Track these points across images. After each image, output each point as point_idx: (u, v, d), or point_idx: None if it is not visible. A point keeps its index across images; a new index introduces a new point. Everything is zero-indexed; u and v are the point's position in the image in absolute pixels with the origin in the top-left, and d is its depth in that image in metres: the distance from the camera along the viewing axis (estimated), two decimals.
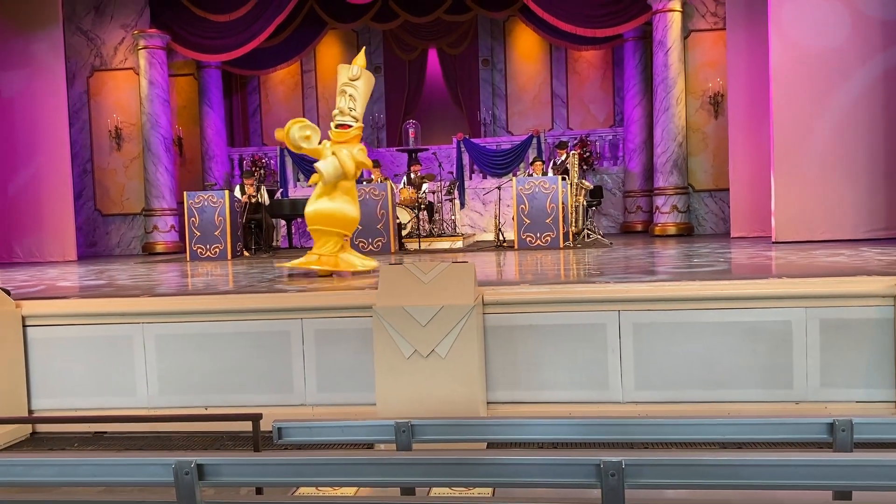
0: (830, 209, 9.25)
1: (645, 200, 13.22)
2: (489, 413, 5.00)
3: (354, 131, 6.79)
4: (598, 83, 15.33)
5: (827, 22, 9.18)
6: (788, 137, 9.35)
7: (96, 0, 13.00)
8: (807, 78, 9.28)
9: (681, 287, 5.20)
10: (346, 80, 6.79)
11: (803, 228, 9.23)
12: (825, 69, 9.22)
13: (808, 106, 9.30)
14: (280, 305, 5.42)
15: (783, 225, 9.34)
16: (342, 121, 6.78)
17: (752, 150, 10.71)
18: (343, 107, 6.77)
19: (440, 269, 4.79)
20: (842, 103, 9.25)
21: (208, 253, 10.36)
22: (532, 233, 9.99)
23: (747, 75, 10.76)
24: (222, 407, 5.31)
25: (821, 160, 9.27)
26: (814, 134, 9.30)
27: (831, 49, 9.18)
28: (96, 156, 13.16)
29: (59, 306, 5.64)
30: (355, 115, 6.80)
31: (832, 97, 9.26)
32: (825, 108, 9.27)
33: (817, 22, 9.21)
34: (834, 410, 4.70)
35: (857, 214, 9.23)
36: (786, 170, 9.37)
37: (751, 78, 10.69)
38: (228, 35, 13.15)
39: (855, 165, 9.25)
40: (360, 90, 6.81)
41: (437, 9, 14.26)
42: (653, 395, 5.00)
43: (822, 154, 9.28)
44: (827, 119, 9.27)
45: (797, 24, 9.29)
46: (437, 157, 12.93)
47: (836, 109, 9.26)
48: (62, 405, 5.49)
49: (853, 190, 9.24)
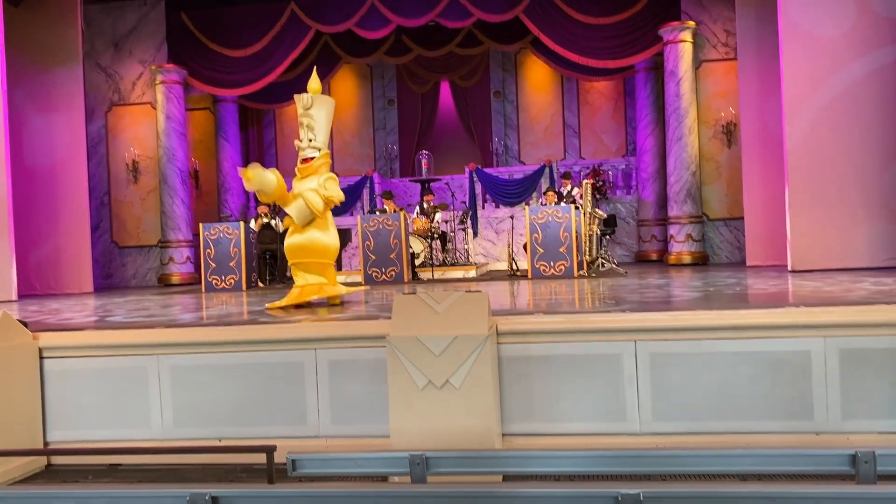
0: (847, 238, 9.18)
1: (659, 229, 13.19)
2: (505, 445, 4.94)
3: (319, 161, 6.71)
4: (609, 113, 15.41)
5: (839, 54, 9.21)
6: (802, 167, 9.33)
7: (115, 37, 13.28)
8: (820, 109, 9.29)
9: (697, 316, 5.16)
10: (302, 111, 6.70)
11: (820, 257, 9.16)
12: (838, 102, 9.23)
13: (821, 136, 9.29)
14: (294, 336, 5.41)
15: (799, 253, 9.27)
16: (304, 155, 6.72)
17: (766, 179, 10.69)
18: (303, 138, 6.69)
19: (453, 298, 4.77)
20: (856, 133, 9.23)
21: (223, 284, 10.42)
22: (546, 262, 9.97)
23: (759, 104, 10.79)
24: (237, 439, 5.29)
25: (836, 189, 9.23)
26: (828, 163, 9.27)
27: (844, 81, 9.20)
28: (114, 188, 13.34)
29: (76, 338, 5.67)
30: (316, 144, 6.70)
31: (846, 127, 9.24)
32: (839, 138, 9.25)
33: (829, 54, 9.23)
34: (856, 442, 4.62)
35: (874, 243, 9.15)
36: (801, 199, 9.34)
37: (763, 107, 10.71)
38: (244, 70, 13.38)
39: (871, 194, 9.20)
40: (316, 117, 6.70)
41: (449, 43, 14.46)
42: (671, 427, 4.93)
43: (838, 183, 9.24)
44: (841, 148, 9.25)
45: (809, 56, 9.32)
46: (449, 187, 13.00)
47: (850, 139, 9.24)
48: (77, 437, 5.48)
49: (870, 218, 9.18)
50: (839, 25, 9.22)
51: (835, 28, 9.24)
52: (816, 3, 9.31)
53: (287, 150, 16.13)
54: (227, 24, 13.45)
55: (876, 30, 9.17)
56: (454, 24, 13.46)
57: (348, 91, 16.09)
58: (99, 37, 13.23)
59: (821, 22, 9.27)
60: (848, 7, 9.21)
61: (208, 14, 13.49)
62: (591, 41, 12.63)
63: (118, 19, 13.24)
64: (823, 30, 9.28)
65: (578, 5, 12.56)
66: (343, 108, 16.15)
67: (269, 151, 16.43)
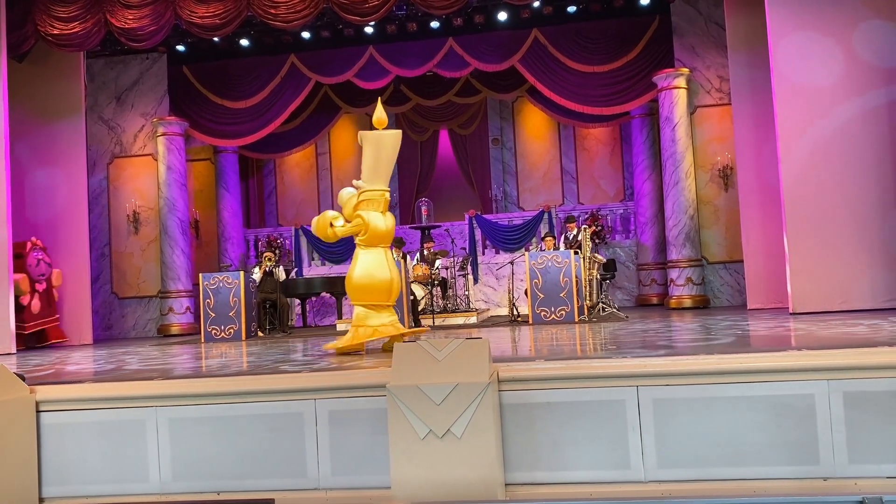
0: (847, 279, 9.19)
1: (659, 273, 13.19)
2: (507, 495, 4.86)
3: (352, 198, 6.92)
4: (606, 159, 15.55)
5: (831, 100, 9.36)
6: (800, 210, 9.39)
7: (118, 90, 13.49)
8: (815, 155, 9.40)
9: (700, 361, 5.12)
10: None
11: (821, 299, 9.15)
12: (832, 146, 9.36)
13: (817, 179, 9.38)
14: (293, 386, 5.37)
15: (800, 296, 9.26)
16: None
17: (764, 222, 10.73)
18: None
19: (454, 345, 4.75)
20: (852, 175, 9.32)
21: (223, 334, 10.37)
22: (546, 307, 9.94)
23: (755, 148, 10.89)
24: (235, 492, 5.20)
25: (835, 231, 9.28)
26: (825, 206, 9.33)
27: (837, 126, 9.36)
28: (114, 240, 13.39)
29: (73, 391, 5.62)
30: (357, 182, 6.95)
31: (842, 171, 9.34)
32: (835, 181, 9.34)
33: (821, 100, 9.39)
34: (864, 487, 4.54)
35: (874, 284, 9.15)
36: (800, 241, 9.37)
37: (759, 151, 10.81)
38: (245, 121, 13.56)
39: (870, 235, 9.24)
40: (365, 156, 6.95)
41: (447, 92, 14.69)
42: (675, 474, 4.86)
43: (836, 225, 9.29)
44: (838, 192, 9.33)
45: (802, 103, 9.47)
46: (449, 234, 13.05)
47: (846, 181, 9.33)
48: (74, 493, 5.39)
49: (869, 260, 9.19)
50: (830, 74, 9.42)
51: (826, 76, 9.43)
52: (807, 56, 9.50)
53: (287, 199, 16.25)
54: (228, 77, 13.68)
55: (866, 76, 9.35)
56: (452, 73, 13.70)
57: (348, 140, 16.27)
58: (102, 90, 13.43)
59: (812, 71, 9.46)
60: (837, 56, 9.40)
61: (209, 67, 13.73)
62: (587, 89, 12.82)
63: (121, 73, 13.47)
64: (815, 78, 9.46)
65: (574, 54, 12.79)
66: (343, 156, 16.33)
67: (270, 200, 16.54)
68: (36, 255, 11.43)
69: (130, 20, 10.96)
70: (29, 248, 11.38)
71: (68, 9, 11.07)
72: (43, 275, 11.49)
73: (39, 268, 11.42)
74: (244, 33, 12.77)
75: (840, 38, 9.41)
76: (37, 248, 11.50)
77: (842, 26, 9.41)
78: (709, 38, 12.15)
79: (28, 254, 11.33)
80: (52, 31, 11.10)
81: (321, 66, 13.41)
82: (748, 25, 10.87)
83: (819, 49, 9.46)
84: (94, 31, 11.11)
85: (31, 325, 11.23)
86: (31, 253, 11.39)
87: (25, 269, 11.21)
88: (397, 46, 13.27)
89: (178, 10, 10.92)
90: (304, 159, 16.34)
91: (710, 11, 12.08)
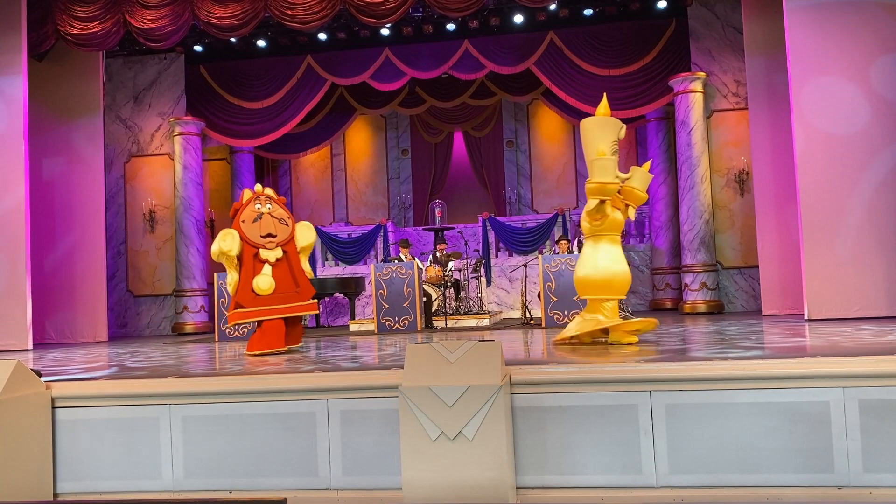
0: (863, 286, 9.09)
1: (673, 278, 13.12)
2: (518, 499, 4.85)
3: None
4: (622, 162, 15.32)
5: (847, 106, 9.27)
6: (817, 216, 9.30)
7: (136, 90, 13.59)
8: (831, 160, 9.29)
9: (714, 367, 5.09)
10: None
11: (836, 306, 9.06)
12: (849, 151, 9.24)
13: (834, 186, 9.28)
14: (306, 385, 5.38)
15: (816, 302, 9.18)
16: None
17: (780, 227, 10.66)
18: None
19: (466, 347, 4.74)
20: (869, 181, 9.21)
21: (236, 333, 10.41)
22: (560, 310, 9.92)
23: (772, 153, 10.82)
24: (247, 490, 5.22)
25: (852, 237, 9.19)
26: (842, 212, 9.24)
27: (854, 132, 9.23)
28: (130, 238, 13.49)
29: (88, 387, 5.66)
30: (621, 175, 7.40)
31: (859, 177, 9.23)
32: (852, 187, 9.24)
33: (837, 106, 9.29)
34: (879, 496, 4.50)
35: (891, 291, 9.04)
36: (816, 247, 9.28)
37: (775, 156, 10.74)
38: (260, 122, 13.63)
39: (887, 241, 9.13)
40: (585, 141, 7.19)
41: (462, 94, 14.71)
42: (688, 480, 4.83)
43: (853, 231, 9.20)
44: (855, 198, 9.23)
45: (818, 109, 9.37)
46: (462, 236, 13.05)
47: (863, 188, 9.21)
48: (88, 489, 5.44)
49: (887, 266, 9.09)
50: (849, 79, 9.33)
51: (843, 80, 9.33)
52: (823, 52, 9.40)
53: (302, 199, 16.30)
54: (245, 77, 13.76)
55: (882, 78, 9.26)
56: (467, 76, 13.71)
57: (363, 141, 16.33)
58: (120, 90, 13.55)
59: (828, 70, 9.36)
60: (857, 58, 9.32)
61: (226, 67, 13.82)
62: (603, 92, 12.75)
63: (138, 73, 13.58)
64: (830, 78, 9.36)
65: (589, 57, 12.76)
66: (357, 157, 16.39)
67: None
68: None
69: (149, 20, 11.05)
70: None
71: (88, 9, 11.17)
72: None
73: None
74: (261, 34, 12.85)
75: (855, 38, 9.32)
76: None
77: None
78: (726, 42, 12.09)
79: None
80: (71, 30, 11.21)
81: (337, 67, 13.46)
82: (766, 30, 10.81)
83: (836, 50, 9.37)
84: (113, 31, 11.20)
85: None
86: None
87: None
88: (413, 48, 13.30)
89: (196, 11, 10.99)
90: (319, 160, 16.39)
91: (728, 15, 12.02)
